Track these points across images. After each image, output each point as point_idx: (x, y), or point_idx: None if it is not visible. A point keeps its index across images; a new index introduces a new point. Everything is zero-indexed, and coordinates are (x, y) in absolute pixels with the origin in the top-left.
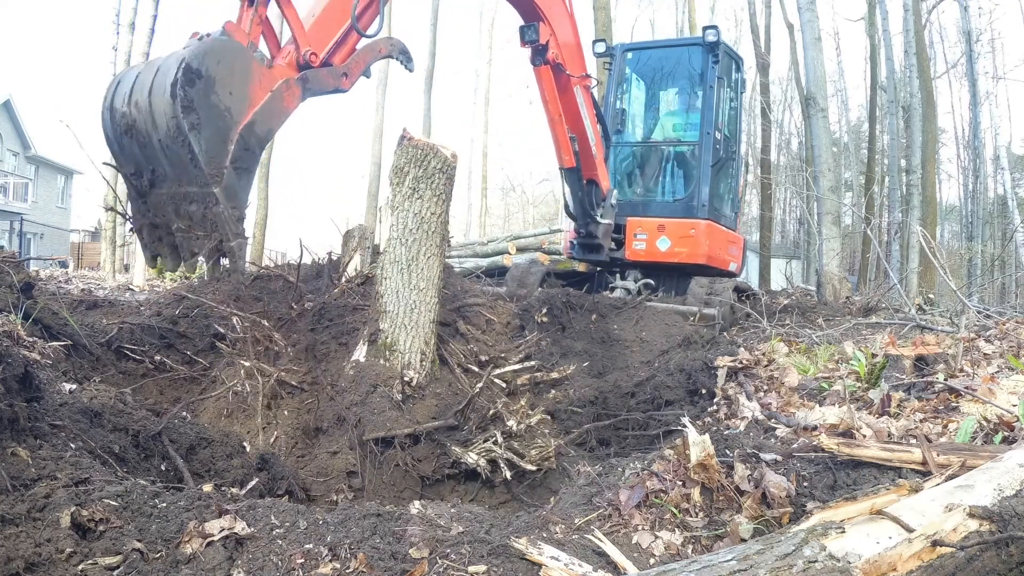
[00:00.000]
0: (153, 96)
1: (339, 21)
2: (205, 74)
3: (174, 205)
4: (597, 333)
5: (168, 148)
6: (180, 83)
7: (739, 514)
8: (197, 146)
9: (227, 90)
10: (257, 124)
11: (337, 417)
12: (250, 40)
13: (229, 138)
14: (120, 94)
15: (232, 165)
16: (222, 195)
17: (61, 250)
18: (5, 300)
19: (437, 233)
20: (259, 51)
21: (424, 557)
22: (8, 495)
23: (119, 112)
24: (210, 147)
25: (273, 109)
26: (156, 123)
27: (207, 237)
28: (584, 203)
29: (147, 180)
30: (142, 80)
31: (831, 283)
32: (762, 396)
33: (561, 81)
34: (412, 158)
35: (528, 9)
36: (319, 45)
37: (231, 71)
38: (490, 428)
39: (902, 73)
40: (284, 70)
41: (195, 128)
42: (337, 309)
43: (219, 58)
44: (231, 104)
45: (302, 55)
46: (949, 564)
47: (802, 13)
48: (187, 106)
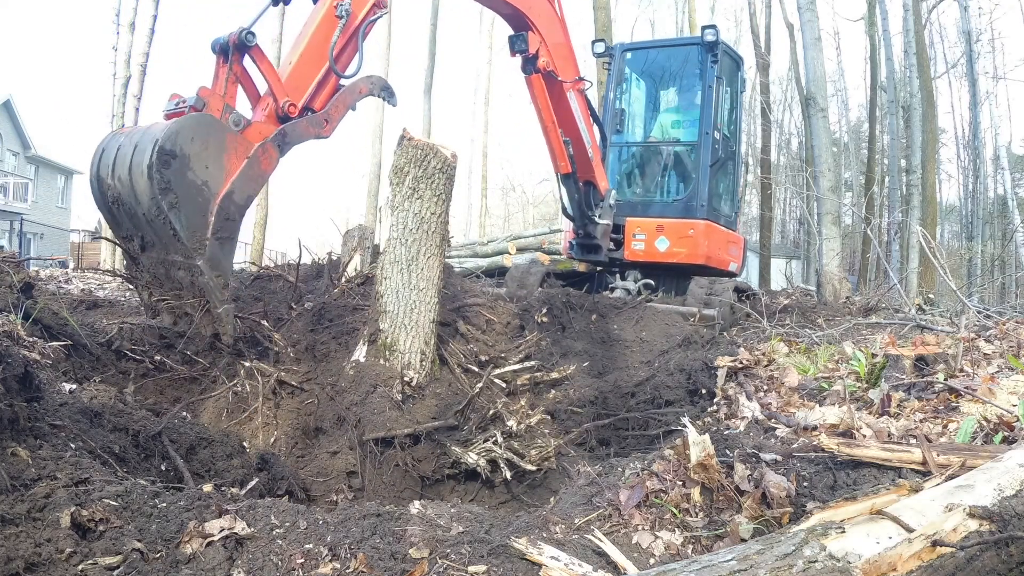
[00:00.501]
0: (133, 175)
1: (317, 65)
2: (180, 153)
3: (164, 270)
4: (597, 333)
5: (152, 222)
6: (156, 166)
7: (739, 514)
8: (178, 223)
9: (203, 164)
10: (236, 193)
11: (337, 417)
12: (225, 103)
13: (209, 211)
14: (104, 165)
15: (214, 236)
16: (206, 266)
17: (61, 250)
18: (5, 300)
19: (437, 233)
20: (235, 111)
21: (424, 557)
22: (8, 495)
23: (105, 183)
24: (190, 223)
25: (250, 175)
26: (138, 199)
27: (196, 302)
28: (582, 205)
29: (138, 245)
30: (122, 155)
31: (831, 283)
32: (762, 396)
33: (554, 88)
34: (412, 158)
35: (516, 18)
36: (297, 94)
37: (206, 145)
38: (490, 428)
39: (902, 73)
40: (262, 127)
41: (174, 207)
42: (337, 309)
43: (192, 134)
44: (208, 178)
45: (280, 107)
46: (949, 564)
47: (802, 13)
48: (164, 187)
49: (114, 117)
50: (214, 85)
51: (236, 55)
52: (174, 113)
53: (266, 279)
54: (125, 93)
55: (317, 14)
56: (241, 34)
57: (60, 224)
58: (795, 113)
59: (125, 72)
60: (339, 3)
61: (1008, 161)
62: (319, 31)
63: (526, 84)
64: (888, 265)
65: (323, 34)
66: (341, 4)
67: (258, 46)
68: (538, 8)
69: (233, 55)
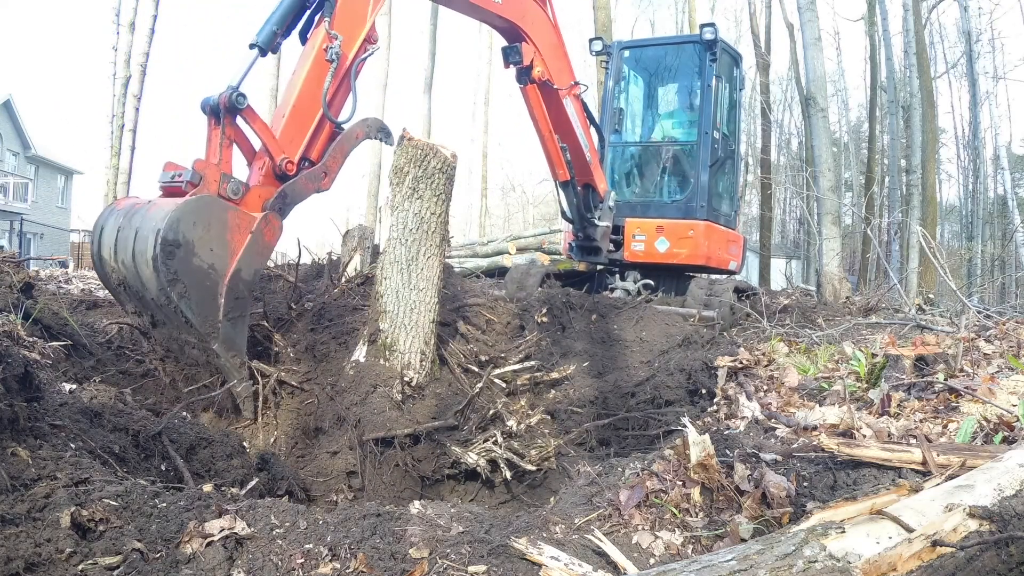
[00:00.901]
0: (137, 263)
1: (310, 114)
2: (183, 241)
3: (177, 346)
4: (597, 333)
5: (162, 307)
6: (160, 258)
7: (739, 514)
8: (189, 312)
9: (207, 248)
10: (243, 271)
11: (337, 417)
12: (221, 172)
13: (219, 293)
14: (105, 247)
15: (226, 318)
16: (221, 349)
17: (61, 250)
18: (5, 300)
19: (437, 233)
20: (233, 179)
21: (424, 557)
22: (8, 495)
23: (108, 265)
24: (201, 309)
25: (256, 250)
26: (145, 286)
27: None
28: (580, 208)
29: (148, 322)
30: (124, 238)
31: (831, 283)
32: (762, 396)
33: (550, 97)
34: (412, 158)
35: (510, 31)
36: (293, 148)
37: (208, 228)
38: (490, 428)
39: (902, 73)
40: (261, 191)
41: (184, 297)
42: (337, 309)
43: (194, 220)
44: (214, 260)
45: (278, 165)
46: (949, 564)
47: (802, 13)
48: (172, 279)
49: (114, 117)
50: (208, 152)
51: (228, 117)
52: (170, 187)
53: (266, 279)
54: (125, 93)
55: (307, 60)
56: (232, 96)
57: (60, 224)
58: (795, 113)
59: (125, 72)
60: (328, 46)
61: (1008, 161)
62: (310, 78)
63: (521, 94)
64: (888, 265)
65: (314, 81)
66: (331, 47)
67: (250, 106)
68: (531, 17)
69: (225, 118)
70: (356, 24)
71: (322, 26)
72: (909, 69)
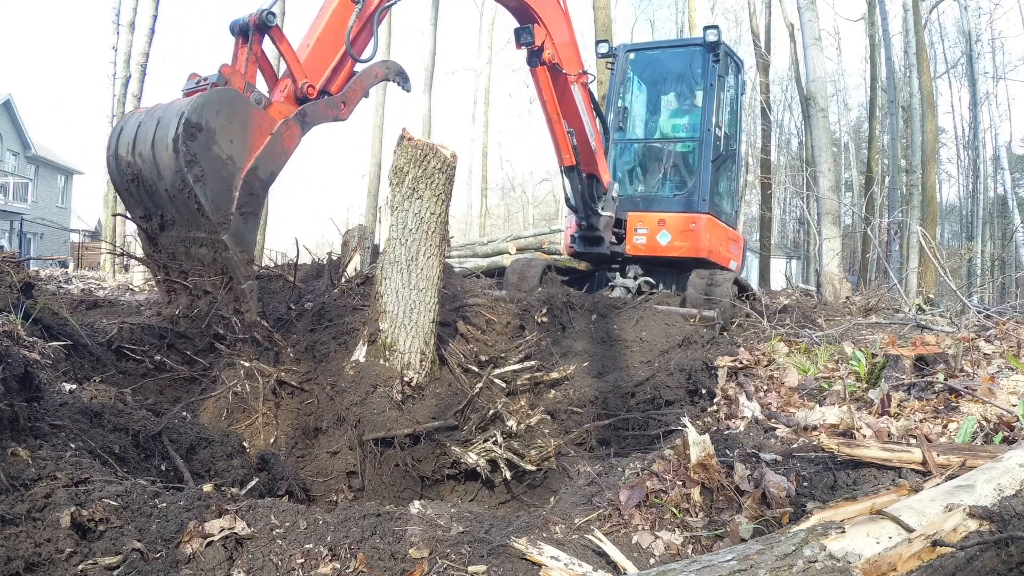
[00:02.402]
0: (156, 149)
1: (334, 48)
2: (205, 126)
3: (184, 248)
4: (597, 333)
5: (175, 198)
6: (182, 138)
7: (739, 514)
8: (203, 197)
9: (228, 139)
10: (260, 168)
11: (337, 417)
12: (246, 81)
13: (234, 185)
14: (123, 143)
15: (238, 211)
16: (231, 241)
17: (61, 250)
18: (5, 300)
19: (437, 233)
20: (256, 90)
21: (424, 557)
22: (8, 495)
23: (124, 161)
24: (216, 197)
25: (274, 152)
26: (161, 175)
27: (219, 279)
28: (585, 197)
29: (156, 224)
30: (144, 131)
31: (831, 283)
32: (762, 396)
33: (559, 81)
34: (412, 158)
35: (522, 11)
36: (315, 76)
37: (230, 120)
38: (490, 428)
39: (902, 73)
40: (282, 107)
41: (200, 180)
42: (337, 309)
43: (217, 108)
44: (233, 152)
45: (299, 88)
46: (949, 564)
47: (802, 13)
48: (190, 160)
49: (114, 117)
50: (234, 64)
51: (256, 36)
52: (194, 90)
53: (266, 279)
54: (125, 93)
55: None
56: (262, 15)
57: (60, 224)
58: (795, 113)
59: (125, 72)
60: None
61: (1008, 161)
62: (335, 15)
63: (531, 76)
64: (888, 265)
65: (339, 18)
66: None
67: (278, 27)
68: (544, 1)
69: (253, 35)
70: None
71: None
72: (909, 69)
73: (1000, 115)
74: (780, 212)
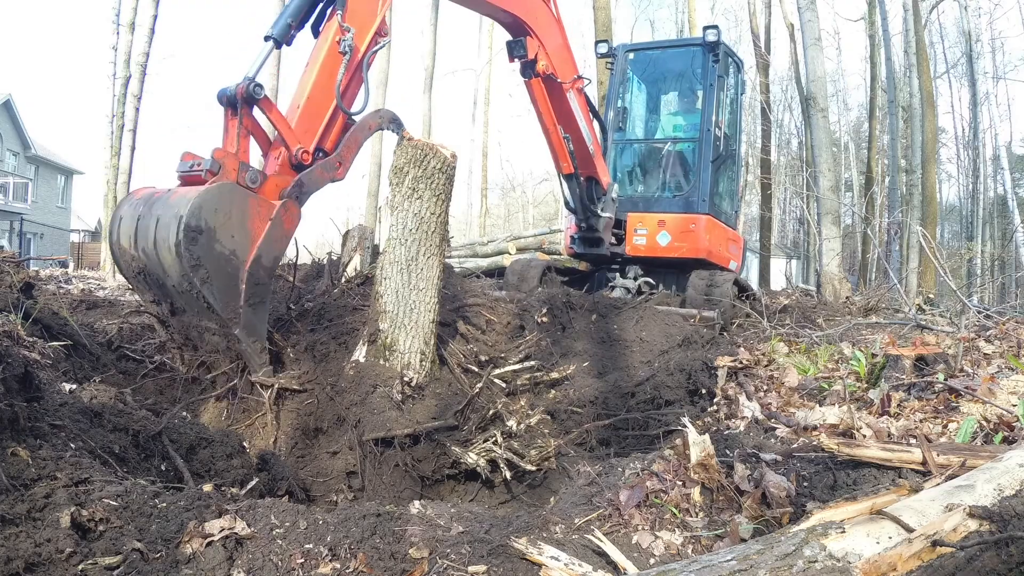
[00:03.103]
0: (159, 249)
1: (324, 105)
2: (205, 227)
3: (197, 333)
4: (597, 333)
5: (183, 294)
6: (184, 244)
7: (739, 514)
8: (211, 297)
9: (229, 234)
10: (263, 257)
11: (337, 417)
12: (240, 161)
13: (240, 279)
14: (124, 234)
15: (247, 304)
16: (243, 335)
17: (61, 250)
18: (5, 300)
19: (437, 233)
20: (251, 168)
21: (424, 557)
22: (8, 495)
23: (128, 254)
24: (223, 295)
25: (275, 237)
26: (167, 272)
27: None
28: (584, 199)
29: (167, 309)
30: (144, 227)
31: (831, 283)
32: (762, 396)
33: (554, 90)
34: (412, 158)
35: (515, 25)
36: (308, 138)
37: (229, 216)
38: (490, 428)
39: (902, 73)
40: (278, 180)
41: (206, 282)
42: (337, 309)
43: (215, 206)
44: (235, 247)
45: (294, 155)
46: (949, 564)
47: (802, 13)
48: (195, 264)
49: (114, 117)
50: (225, 141)
51: (245, 108)
52: (189, 176)
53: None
54: (125, 93)
55: (320, 52)
56: (248, 87)
57: (60, 224)
58: (795, 113)
59: (125, 72)
60: (341, 39)
61: (1008, 161)
62: (324, 70)
63: (526, 88)
64: (888, 265)
65: (328, 73)
66: (343, 40)
67: (266, 96)
68: (535, 12)
69: (242, 108)
70: (367, 17)
71: (335, 19)
72: (909, 69)
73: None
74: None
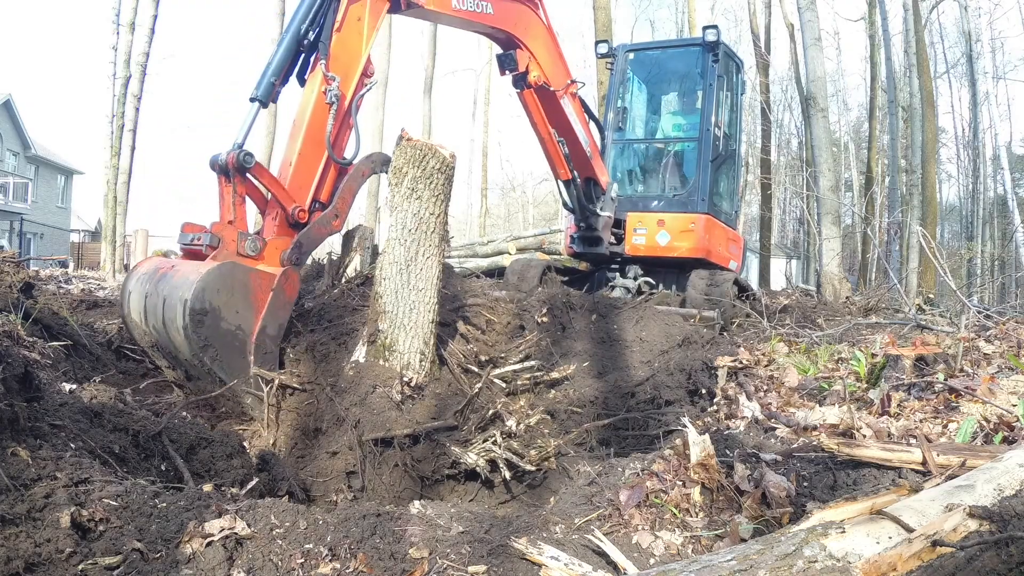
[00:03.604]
0: (168, 329)
1: (316, 158)
2: (210, 308)
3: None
4: (597, 333)
5: (195, 367)
6: (191, 327)
7: (739, 514)
8: (221, 372)
9: (233, 311)
10: (268, 327)
11: (337, 417)
12: (238, 232)
13: (247, 351)
14: (135, 311)
15: (255, 370)
16: (255, 402)
17: (61, 250)
18: (5, 300)
19: (436, 233)
20: (250, 238)
21: (424, 557)
22: (8, 495)
23: (140, 328)
24: (232, 368)
25: (278, 306)
26: (178, 349)
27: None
28: (583, 200)
29: (183, 374)
30: (152, 306)
31: (831, 283)
32: (762, 396)
33: (547, 99)
34: (411, 158)
35: (504, 38)
36: (302, 194)
37: (232, 294)
38: (489, 428)
39: (902, 73)
40: (277, 243)
41: (216, 360)
42: (337, 309)
43: (218, 287)
44: (240, 322)
45: (291, 215)
46: (949, 564)
47: (802, 13)
48: (204, 345)
49: (114, 117)
50: (222, 211)
51: (238, 176)
52: (190, 249)
53: None
54: (125, 93)
55: (307, 105)
56: (240, 156)
57: (60, 224)
58: (795, 113)
59: (125, 72)
60: (327, 88)
61: (1008, 161)
62: (312, 123)
63: (519, 99)
64: (888, 265)
65: (317, 125)
66: (329, 89)
67: (258, 163)
68: (524, 23)
69: (235, 177)
70: (352, 61)
71: (319, 69)
72: (909, 69)
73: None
74: (780, 212)
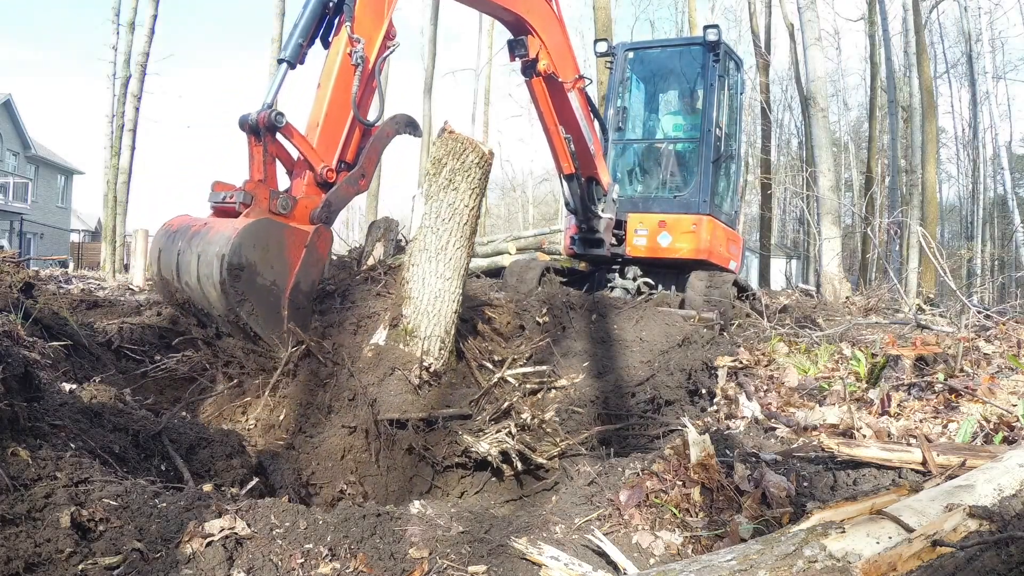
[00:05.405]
0: (203, 285)
1: (343, 119)
2: (246, 263)
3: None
4: (597, 333)
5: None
6: (228, 281)
7: (739, 514)
8: (257, 327)
9: (268, 266)
10: (302, 283)
11: (352, 395)
12: (270, 190)
13: (282, 306)
14: (166, 268)
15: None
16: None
17: (61, 250)
18: (5, 300)
19: (468, 225)
20: (281, 195)
21: (424, 557)
22: (8, 495)
23: (172, 286)
24: (267, 323)
25: (312, 262)
26: (212, 305)
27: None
28: (584, 200)
29: (213, 332)
30: (185, 262)
31: (831, 283)
32: (762, 396)
33: (555, 90)
34: (451, 150)
35: (516, 24)
36: (330, 154)
37: (267, 249)
38: (503, 420)
39: (902, 73)
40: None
41: (252, 314)
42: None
43: (254, 242)
44: (275, 277)
45: (319, 174)
46: (949, 564)
47: (802, 13)
48: (240, 299)
49: (114, 117)
50: (252, 170)
51: (268, 136)
52: (221, 207)
53: None
54: (125, 93)
55: (333, 66)
56: (271, 115)
57: (60, 224)
58: (795, 113)
59: (125, 72)
60: (352, 51)
61: (1008, 161)
62: (338, 85)
63: (527, 87)
64: (888, 265)
65: (343, 85)
66: (354, 51)
67: (288, 123)
68: (537, 11)
69: (265, 136)
70: (375, 24)
71: (343, 31)
72: (909, 69)
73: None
74: (780, 212)
